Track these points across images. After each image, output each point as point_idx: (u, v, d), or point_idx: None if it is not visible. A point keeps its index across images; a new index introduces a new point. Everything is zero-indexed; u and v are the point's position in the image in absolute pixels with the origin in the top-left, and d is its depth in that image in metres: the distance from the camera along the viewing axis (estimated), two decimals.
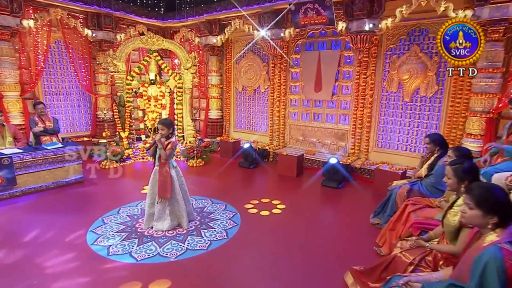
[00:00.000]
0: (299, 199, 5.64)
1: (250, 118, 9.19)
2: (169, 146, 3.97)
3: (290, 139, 8.30)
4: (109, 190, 5.76)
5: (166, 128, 3.97)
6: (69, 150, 5.88)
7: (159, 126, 3.97)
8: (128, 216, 4.69)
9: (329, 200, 5.72)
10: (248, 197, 5.46)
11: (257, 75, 8.70)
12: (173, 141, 4.03)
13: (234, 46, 9.24)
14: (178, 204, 4.24)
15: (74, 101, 8.88)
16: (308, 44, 7.66)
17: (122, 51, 8.13)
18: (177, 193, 4.16)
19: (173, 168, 4.15)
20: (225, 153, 8.52)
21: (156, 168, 4.14)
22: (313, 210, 5.12)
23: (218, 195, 5.55)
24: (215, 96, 9.65)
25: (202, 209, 4.94)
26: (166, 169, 4.04)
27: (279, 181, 6.52)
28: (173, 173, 4.09)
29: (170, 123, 4.07)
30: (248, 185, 6.36)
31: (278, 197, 5.55)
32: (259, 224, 4.51)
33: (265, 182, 6.57)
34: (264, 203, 5.26)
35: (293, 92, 8.13)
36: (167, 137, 4.04)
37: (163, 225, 4.22)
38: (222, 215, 4.75)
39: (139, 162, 7.75)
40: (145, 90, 8.37)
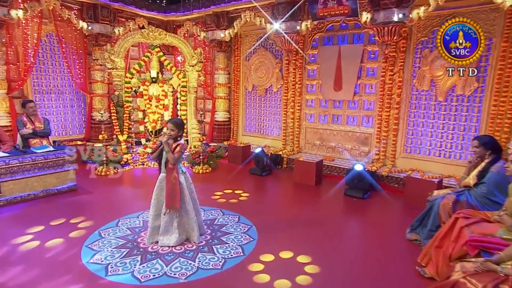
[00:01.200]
0: (321, 210, 5.42)
1: (261, 121, 9.05)
2: (177, 149, 3.77)
3: (306, 143, 8.15)
4: (106, 200, 5.59)
5: (176, 129, 3.79)
6: (62, 154, 5.70)
7: (169, 126, 3.78)
8: (129, 229, 4.47)
9: (354, 212, 5.46)
10: (264, 208, 5.29)
11: (269, 73, 8.56)
12: (182, 143, 3.83)
13: (244, 41, 9.11)
14: (187, 215, 4.01)
15: (66, 100, 8.73)
16: (326, 38, 7.50)
17: (121, 46, 7.97)
18: (186, 202, 3.94)
19: (182, 174, 3.93)
20: (233, 159, 8.33)
21: (162, 175, 3.91)
22: (337, 223, 4.90)
23: (230, 205, 5.36)
24: (222, 97, 9.47)
25: (212, 221, 4.73)
26: (174, 175, 3.80)
27: (296, 190, 6.36)
28: (182, 180, 3.88)
29: (181, 124, 3.88)
30: (262, 195, 6.19)
31: (296, 208, 5.36)
32: (277, 237, 4.31)
33: (280, 191, 6.42)
34: (282, 214, 5.10)
35: (310, 91, 7.96)
36: (175, 139, 3.84)
37: (170, 240, 3.98)
38: (235, 228, 4.55)
39: (139, 169, 7.58)
40: (146, 89, 8.29)
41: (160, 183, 3.92)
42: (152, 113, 8.33)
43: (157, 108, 8.34)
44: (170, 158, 3.75)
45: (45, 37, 8.14)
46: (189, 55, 8.49)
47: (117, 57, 7.86)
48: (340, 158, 7.50)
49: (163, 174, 3.89)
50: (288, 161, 7.86)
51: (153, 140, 8.57)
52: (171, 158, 3.75)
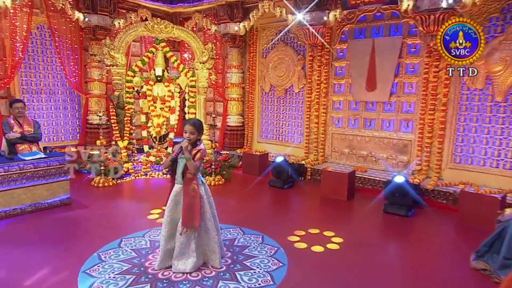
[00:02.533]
0: (359, 230, 5.17)
1: (279, 126, 8.90)
2: (198, 156, 3.59)
3: (332, 152, 7.99)
4: (105, 215, 5.45)
5: (196, 132, 3.60)
6: (54, 162, 5.57)
7: (188, 128, 3.58)
8: (134, 251, 4.27)
9: (399, 232, 5.18)
10: (291, 227, 5.08)
11: (290, 71, 8.43)
12: (203, 149, 3.65)
13: (261, 36, 8.98)
14: (207, 235, 3.79)
15: (59, 102, 8.61)
16: (358, 30, 7.32)
17: (121, 40, 7.88)
18: (207, 219, 3.74)
19: (202, 185, 3.74)
20: (249, 169, 8.15)
21: (178, 187, 3.70)
22: (380, 246, 4.65)
23: (250, 223, 5.18)
24: (235, 98, 9.32)
25: (232, 242, 4.55)
26: (193, 187, 3.58)
27: (326, 206, 6.19)
28: (202, 192, 3.68)
29: (201, 126, 3.71)
30: (287, 211, 6.07)
31: (330, 228, 5.08)
32: (313, 264, 4.09)
33: (308, 206, 6.29)
34: (314, 234, 4.86)
35: (337, 92, 7.79)
36: (194, 144, 3.65)
37: (186, 265, 3.72)
38: (260, 250, 4.35)
39: (141, 179, 7.46)
40: (150, 89, 8.21)
41: (175, 197, 3.70)
42: (156, 116, 8.23)
43: (162, 110, 8.24)
44: (190, 166, 3.55)
45: (36, 30, 8.05)
46: (198, 51, 8.35)
47: (118, 53, 7.79)
48: (374, 168, 7.31)
49: (179, 185, 3.68)
50: (312, 172, 7.68)
51: (157, 148, 8.40)
52: (191, 166, 3.54)
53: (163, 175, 7.60)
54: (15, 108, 6.03)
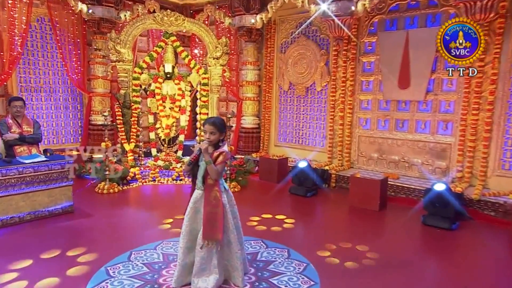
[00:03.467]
0: (396, 245, 4.98)
1: (299, 128, 8.85)
2: (220, 159, 3.46)
3: (359, 156, 7.89)
4: (111, 225, 5.41)
5: (217, 132, 3.48)
6: (56, 166, 5.54)
7: (207, 128, 3.47)
8: (145, 266, 4.15)
9: (442, 248, 4.95)
10: (320, 240, 5.00)
11: (312, 68, 8.36)
12: (226, 151, 3.53)
13: (279, 29, 8.93)
14: (229, 249, 3.65)
15: (59, 101, 8.62)
16: (389, 21, 7.19)
17: (128, 33, 7.80)
18: (230, 231, 3.62)
19: (224, 192, 3.64)
20: (266, 175, 8.06)
21: (198, 193, 3.59)
22: (423, 264, 4.47)
23: (274, 235, 5.09)
24: (250, 98, 9.25)
25: (254, 256, 4.43)
26: (215, 194, 3.46)
27: (357, 217, 6.09)
28: (224, 200, 3.57)
29: (222, 124, 3.59)
30: (312, 222, 5.99)
31: (363, 241, 4.94)
32: (348, 283, 3.94)
33: (336, 217, 6.17)
34: (346, 249, 4.73)
35: (365, 90, 7.70)
36: (216, 145, 3.53)
37: (208, 282, 3.55)
38: (287, 266, 4.21)
39: (149, 186, 7.42)
40: (159, 87, 8.12)
41: (195, 204, 3.59)
42: (165, 117, 8.13)
43: (171, 110, 8.15)
44: (211, 171, 3.44)
45: (36, 22, 8.07)
46: (212, 45, 8.22)
47: (124, 47, 7.71)
48: (407, 175, 7.15)
49: (199, 191, 3.58)
50: (337, 179, 7.56)
51: (166, 151, 8.30)
52: (212, 171, 3.43)
53: (173, 181, 7.55)
54: (13, 106, 5.99)
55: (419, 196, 6.30)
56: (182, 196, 6.79)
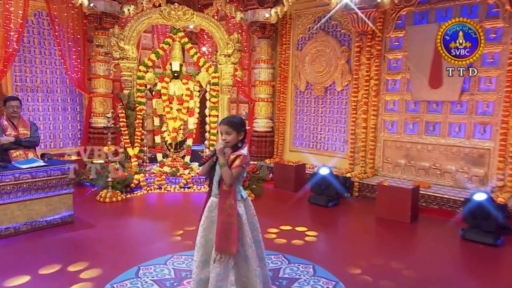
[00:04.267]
0: (434, 261, 4.81)
1: (317, 132, 8.84)
2: (236, 162, 3.34)
3: (384, 163, 7.86)
4: (116, 237, 5.36)
5: (233, 131, 3.37)
6: (56, 171, 5.50)
7: (223, 128, 3.38)
8: (156, 283, 4.06)
9: (487, 266, 4.79)
10: (348, 255, 4.94)
11: (331, 66, 8.36)
12: (244, 155, 3.40)
13: (295, 24, 8.95)
14: (247, 265, 3.52)
15: (57, 101, 8.61)
16: (418, 14, 7.16)
17: (133, 29, 7.78)
18: (247, 244, 3.48)
19: (242, 200, 3.51)
20: (282, 183, 8.00)
21: (213, 200, 3.49)
22: (468, 285, 4.36)
23: (295, 249, 5.01)
24: (263, 99, 9.25)
25: (276, 273, 4.34)
26: (230, 203, 3.36)
27: (386, 229, 5.98)
28: (240, 210, 3.46)
29: (240, 123, 3.46)
30: (337, 235, 5.93)
31: (396, 257, 4.86)
32: None
33: (363, 229, 6.07)
34: (378, 265, 4.61)
35: (391, 90, 7.66)
36: (235, 147, 3.41)
37: None
38: (314, 285, 4.09)
39: (154, 194, 7.40)
40: (165, 86, 8.05)
41: (210, 213, 3.48)
42: (172, 119, 8.05)
43: (179, 112, 8.08)
44: (225, 175, 3.34)
45: (33, 17, 8.07)
46: (222, 42, 8.18)
47: (128, 44, 7.69)
48: (439, 184, 7.07)
49: (214, 199, 3.49)
50: (360, 187, 7.49)
51: (173, 156, 8.23)
52: (226, 175, 3.33)
53: (180, 189, 7.49)
54: (9, 106, 5.91)
55: (455, 207, 6.17)
56: (191, 205, 6.84)
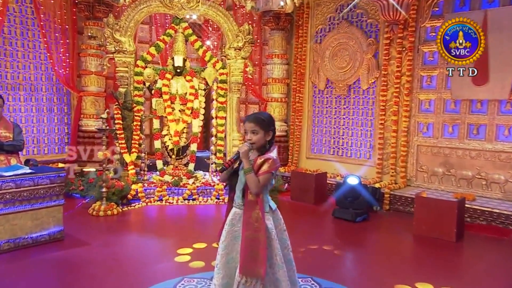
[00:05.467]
0: (491, 286, 4.70)
1: (339, 136, 8.85)
2: (264, 167, 3.23)
3: (418, 171, 7.75)
4: (114, 257, 5.29)
5: (261, 130, 3.27)
6: (44, 180, 5.39)
7: (248, 125, 3.29)
8: None
9: None
10: (388, 279, 4.77)
11: (356, 61, 8.34)
12: (273, 158, 3.28)
13: (314, 14, 8.96)
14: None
15: (42, 101, 8.47)
16: (459, 0, 7.15)
17: (129, 18, 7.71)
18: (276, 265, 3.34)
19: (270, 213, 3.39)
20: (300, 194, 7.93)
21: (237, 212, 3.38)
22: None
23: (325, 271, 4.91)
24: (277, 99, 9.27)
25: None
26: (257, 215, 3.23)
27: (428, 249, 5.84)
28: (269, 224, 3.32)
29: (269, 121, 3.36)
30: (373, 255, 5.76)
31: (446, 281, 4.67)
32: None
33: (401, 249, 5.99)
34: None
35: (426, 87, 7.60)
36: (262, 149, 3.32)
37: None
38: None
39: (154, 206, 7.32)
40: (167, 84, 8.02)
41: (232, 227, 3.37)
42: (174, 121, 8.01)
43: (182, 114, 8.04)
44: (250, 182, 3.21)
45: (15, 4, 7.94)
46: (231, 33, 8.13)
47: (124, 35, 7.63)
48: (485, 196, 6.93)
49: (238, 210, 3.37)
50: (391, 200, 7.38)
51: (175, 164, 8.13)
52: (252, 182, 3.21)
53: (184, 201, 7.42)
54: None
55: (507, 224, 6.04)
56: (198, 220, 6.77)
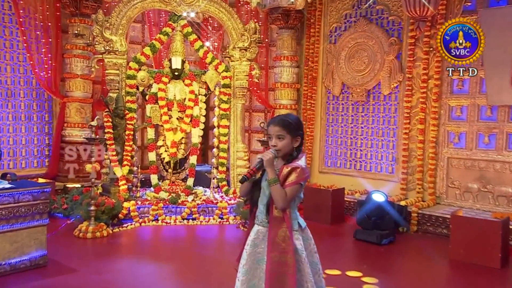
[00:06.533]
0: None
1: (356, 147, 8.83)
2: (291, 178, 3.15)
3: (449, 187, 7.64)
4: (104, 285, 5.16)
5: (288, 135, 3.20)
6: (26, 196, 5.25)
7: (273, 129, 3.22)
8: None
9: None
10: None
11: (376, 63, 8.34)
12: (302, 167, 3.16)
13: (328, 11, 8.99)
14: None
15: (20, 108, 8.47)
16: None
17: (121, 14, 7.73)
18: None
19: (299, 231, 3.28)
20: (314, 213, 7.70)
21: (260, 231, 3.30)
22: None
23: None
24: (286, 105, 9.34)
25: None
26: (284, 233, 3.16)
27: (469, 277, 5.67)
28: (299, 245, 3.21)
29: (297, 125, 3.30)
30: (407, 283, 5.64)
31: None
32: None
33: (438, 276, 5.83)
34: None
35: (457, 92, 7.55)
36: (288, 157, 3.24)
37: None
38: None
39: (149, 227, 7.24)
40: (163, 88, 7.99)
41: (255, 248, 3.28)
42: (171, 130, 7.97)
43: (180, 122, 8.02)
44: (276, 195, 3.12)
45: None
46: (236, 32, 8.22)
47: (115, 34, 7.64)
48: None
49: (262, 228, 3.29)
50: (419, 219, 7.24)
51: (171, 179, 8.05)
52: (278, 194, 3.12)
53: (183, 221, 7.29)
54: None
55: None
56: (199, 242, 6.66)
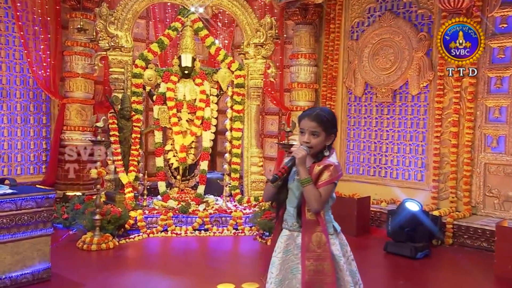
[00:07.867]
0: None
1: (381, 152, 8.83)
2: (324, 177, 3.16)
3: (486, 196, 7.54)
4: None
5: (323, 132, 3.22)
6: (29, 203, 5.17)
7: (305, 125, 3.24)
8: None
9: None
10: None
11: (403, 61, 8.33)
12: (335, 165, 3.21)
13: (349, 4, 9.09)
14: None
15: (16, 109, 8.54)
16: None
17: (127, 9, 7.81)
18: None
19: (335, 235, 3.27)
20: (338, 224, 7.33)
21: (290, 236, 3.28)
22: None
23: None
24: (303, 107, 9.18)
25: None
26: (319, 238, 3.13)
27: None
28: (336, 250, 3.20)
29: (333, 120, 3.32)
30: None
31: None
32: None
33: None
34: None
35: (495, 92, 7.45)
36: (318, 155, 3.24)
37: None
38: None
39: (158, 238, 7.23)
40: (172, 88, 8.05)
41: (286, 255, 3.25)
42: (180, 133, 8.01)
43: (190, 124, 8.08)
44: (309, 196, 3.10)
45: None
46: (250, 28, 8.32)
47: (121, 29, 7.70)
48: None
49: (292, 233, 3.28)
50: (455, 231, 7.16)
51: (180, 187, 8.05)
52: (311, 195, 3.10)
53: (194, 232, 7.28)
54: None
55: None
56: (213, 255, 6.64)
